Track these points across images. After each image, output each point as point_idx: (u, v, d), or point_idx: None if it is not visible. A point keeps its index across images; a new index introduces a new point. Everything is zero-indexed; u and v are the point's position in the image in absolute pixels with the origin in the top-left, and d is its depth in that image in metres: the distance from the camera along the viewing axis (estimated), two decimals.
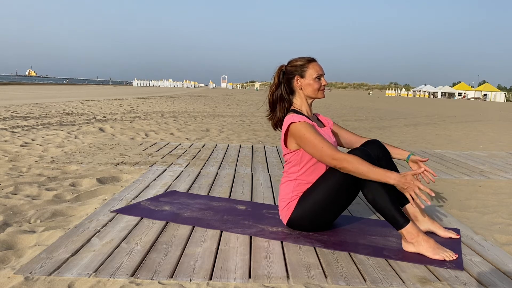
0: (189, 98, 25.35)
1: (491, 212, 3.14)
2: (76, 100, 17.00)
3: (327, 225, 2.46)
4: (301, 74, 2.41)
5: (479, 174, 4.55)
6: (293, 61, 2.44)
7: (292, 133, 2.33)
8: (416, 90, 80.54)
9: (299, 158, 2.38)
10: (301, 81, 2.41)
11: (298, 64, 2.41)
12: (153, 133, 7.61)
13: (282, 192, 2.46)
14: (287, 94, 2.44)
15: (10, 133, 6.65)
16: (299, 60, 2.43)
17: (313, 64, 2.42)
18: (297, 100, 2.46)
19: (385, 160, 2.45)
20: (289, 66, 2.44)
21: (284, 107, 2.43)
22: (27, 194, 3.26)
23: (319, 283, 1.85)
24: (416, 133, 9.57)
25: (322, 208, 2.33)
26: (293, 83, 2.43)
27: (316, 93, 2.43)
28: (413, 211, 2.47)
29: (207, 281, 1.84)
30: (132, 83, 77.02)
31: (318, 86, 2.41)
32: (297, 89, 2.43)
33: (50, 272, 1.87)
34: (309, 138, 2.27)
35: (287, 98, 2.44)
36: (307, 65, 2.41)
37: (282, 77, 2.44)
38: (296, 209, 2.38)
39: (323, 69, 2.45)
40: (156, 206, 2.90)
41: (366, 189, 2.21)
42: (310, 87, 2.41)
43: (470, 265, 2.08)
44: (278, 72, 2.46)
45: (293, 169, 2.42)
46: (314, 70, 2.40)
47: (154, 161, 4.64)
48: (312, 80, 2.40)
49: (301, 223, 2.40)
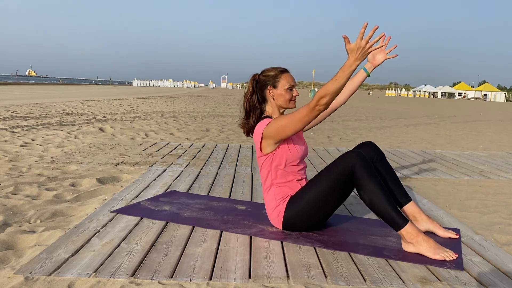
0: (189, 98, 25.36)
1: (491, 212, 3.14)
2: (76, 100, 17.00)
3: (321, 222, 2.47)
4: (273, 84, 2.44)
5: (479, 174, 4.55)
6: (266, 71, 2.48)
7: (269, 132, 2.36)
8: (416, 90, 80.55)
9: (270, 162, 2.44)
10: (274, 91, 2.45)
11: (271, 75, 2.45)
12: (153, 133, 7.61)
13: (266, 201, 2.50)
14: (259, 103, 2.49)
15: (10, 133, 6.65)
16: (272, 71, 2.47)
17: (286, 75, 2.46)
18: (269, 108, 2.50)
19: (381, 162, 2.47)
20: (262, 76, 2.48)
21: (255, 115, 2.49)
22: (27, 194, 3.26)
23: (319, 283, 1.85)
24: (416, 133, 9.57)
25: (316, 205, 2.35)
26: (266, 92, 2.47)
27: (288, 104, 2.47)
28: (413, 212, 2.47)
29: (207, 281, 1.84)
30: (132, 83, 77.02)
31: (289, 96, 2.45)
32: (269, 99, 2.48)
33: (50, 272, 1.87)
34: (284, 121, 2.30)
35: (258, 107, 2.49)
36: (279, 75, 2.45)
37: (255, 86, 2.49)
38: (287, 210, 2.39)
39: (295, 80, 2.49)
40: (156, 206, 2.90)
41: (363, 191, 2.22)
42: (282, 97, 2.44)
43: (470, 265, 2.08)
44: (252, 80, 2.50)
45: (268, 175, 2.47)
46: (286, 81, 2.44)
47: (154, 161, 4.64)
48: (284, 90, 2.44)
49: (295, 222, 2.41)
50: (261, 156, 2.46)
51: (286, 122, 2.31)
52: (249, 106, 2.48)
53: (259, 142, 2.42)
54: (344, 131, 9.51)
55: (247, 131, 2.52)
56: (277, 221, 2.46)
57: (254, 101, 2.46)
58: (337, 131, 9.46)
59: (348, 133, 9.13)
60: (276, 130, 2.32)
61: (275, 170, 2.44)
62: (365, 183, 2.20)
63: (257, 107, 2.47)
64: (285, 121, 2.31)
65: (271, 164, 2.44)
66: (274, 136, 2.36)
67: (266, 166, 2.46)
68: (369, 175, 2.20)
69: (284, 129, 2.31)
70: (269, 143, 2.40)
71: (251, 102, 2.47)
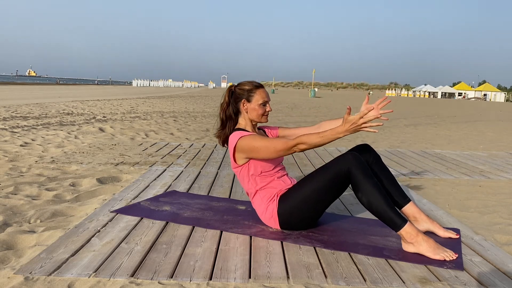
0: (189, 98, 25.35)
1: (491, 212, 3.14)
2: (76, 100, 17.00)
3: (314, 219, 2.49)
4: (247, 98, 2.50)
5: (479, 174, 4.55)
6: (242, 85, 2.54)
7: (242, 147, 2.41)
8: (416, 90, 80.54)
9: (246, 172, 2.49)
10: (247, 105, 2.51)
11: (246, 89, 2.51)
12: (153, 133, 7.61)
13: (256, 207, 2.54)
14: (234, 114, 2.54)
15: (10, 133, 6.66)
16: (248, 85, 2.52)
17: (260, 90, 2.52)
18: (242, 121, 2.56)
19: (377, 164, 2.48)
20: (238, 88, 2.53)
21: (230, 125, 2.54)
22: (27, 194, 3.26)
23: (319, 283, 1.85)
24: (416, 133, 9.57)
25: (309, 203, 2.37)
26: (240, 105, 2.52)
27: (260, 118, 2.53)
28: (413, 212, 2.47)
29: (207, 281, 1.84)
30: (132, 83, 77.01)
31: (262, 111, 2.51)
32: (243, 112, 2.54)
33: (50, 272, 1.87)
34: (260, 144, 2.37)
35: (233, 118, 2.54)
36: (254, 90, 2.51)
37: (231, 97, 2.55)
38: (280, 207, 2.42)
39: (269, 96, 2.56)
40: (156, 206, 2.90)
41: (360, 193, 2.23)
42: (255, 111, 2.50)
43: (470, 265, 2.08)
44: (228, 91, 2.56)
45: (249, 184, 2.51)
46: (260, 96, 2.50)
47: (154, 161, 4.64)
48: (257, 105, 2.50)
49: (290, 219, 2.42)
50: (237, 167, 2.52)
51: (260, 145, 2.36)
52: (225, 116, 2.55)
53: (233, 154, 2.48)
54: None
55: (223, 141, 2.58)
56: (273, 221, 2.47)
57: (230, 112, 2.53)
58: None
59: None
60: (249, 148, 2.39)
61: (253, 178, 2.49)
62: (362, 184, 2.22)
63: (233, 117, 2.54)
64: (260, 144, 2.36)
65: (247, 173, 2.49)
66: (246, 152, 2.42)
67: (244, 176, 2.51)
68: (365, 177, 2.22)
69: (258, 151, 2.38)
70: (242, 156, 2.46)
71: (227, 112, 2.54)
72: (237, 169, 2.52)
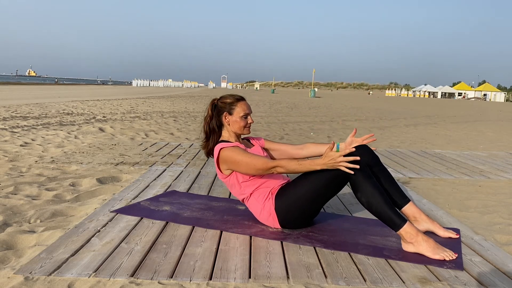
0: (189, 98, 25.37)
1: (491, 212, 3.14)
2: (76, 100, 17.00)
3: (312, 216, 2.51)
4: (229, 111, 2.57)
5: (479, 174, 4.55)
6: (224, 98, 2.60)
7: (224, 159, 2.47)
8: (416, 90, 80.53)
9: (235, 180, 2.52)
10: (229, 118, 2.57)
11: (228, 102, 2.57)
12: (153, 133, 7.61)
13: (252, 209, 2.55)
14: (217, 127, 2.60)
15: (10, 133, 6.65)
16: (229, 98, 2.59)
17: (241, 103, 2.58)
18: (226, 133, 2.62)
19: (376, 165, 2.47)
20: (220, 102, 2.60)
21: (214, 138, 2.60)
22: (27, 194, 3.26)
23: (319, 283, 1.85)
24: (416, 133, 9.57)
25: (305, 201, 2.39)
26: (222, 118, 2.58)
27: (242, 130, 2.59)
28: (412, 212, 2.47)
29: (207, 281, 1.84)
30: (132, 83, 77.01)
31: (244, 124, 2.57)
32: (226, 124, 2.59)
33: (50, 272, 1.87)
34: (241, 159, 2.42)
35: (217, 130, 2.60)
36: (235, 103, 2.57)
37: (214, 110, 2.60)
38: (277, 204, 2.43)
39: (251, 108, 2.63)
40: (156, 206, 2.90)
41: (360, 194, 2.24)
42: (236, 124, 2.56)
43: (470, 265, 2.08)
44: (211, 105, 2.62)
45: (241, 190, 2.53)
46: (242, 109, 2.56)
47: (154, 161, 4.64)
48: (239, 118, 2.56)
49: (288, 216, 2.43)
50: (226, 178, 2.55)
51: (241, 160, 2.41)
52: (209, 129, 2.60)
53: (217, 165, 2.53)
54: (344, 131, 9.51)
55: (207, 153, 2.63)
56: (272, 219, 2.47)
57: (213, 125, 2.58)
58: (337, 131, 9.46)
59: (348, 133, 9.13)
60: (231, 161, 2.44)
61: (244, 184, 2.51)
62: (361, 185, 2.23)
63: (216, 130, 2.59)
64: (241, 158, 2.41)
65: (237, 181, 2.52)
66: (228, 164, 2.47)
67: (234, 184, 2.54)
68: (364, 177, 2.23)
69: (238, 165, 2.43)
70: (225, 167, 2.51)
71: (210, 125, 2.59)
72: (226, 179, 2.56)
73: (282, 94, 45.71)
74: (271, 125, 10.17)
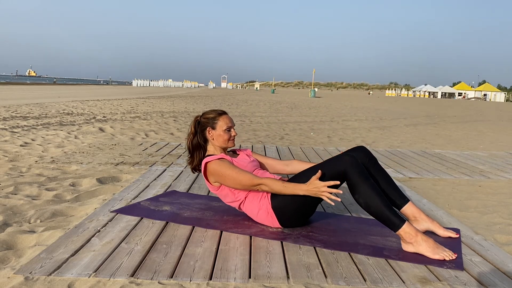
0: (189, 98, 25.36)
1: (491, 212, 3.14)
2: (76, 100, 17.00)
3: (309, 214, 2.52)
4: (212, 126, 2.61)
5: (479, 174, 4.55)
6: (206, 114, 2.64)
7: (210, 172, 2.51)
8: (416, 90, 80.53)
9: (228, 190, 2.54)
10: (213, 132, 2.60)
11: (210, 117, 2.62)
12: (153, 133, 7.61)
13: (249, 212, 2.56)
14: (203, 142, 2.64)
15: (10, 133, 6.65)
16: (211, 113, 2.64)
17: (224, 117, 2.62)
18: (211, 147, 2.65)
19: (373, 166, 2.48)
20: (202, 118, 2.64)
21: (199, 153, 2.64)
22: (27, 194, 3.26)
23: (319, 283, 1.85)
24: (416, 133, 9.57)
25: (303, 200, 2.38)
26: (206, 133, 2.62)
27: (226, 143, 2.62)
28: (412, 212, 2.47)
29: (207, 281, 1.84)
30: (132, 83, 77.00)
31: (228, 137, 2.61)
32: (210, 139, 2.62)
33: (50, 272, 1.87)
34: (228, 173, 2.45)
35: (202, 146, 2.64)
36: (217, 117, 2.61)
37: (198, 127, 2.63)
38: (273, 202, 2.44)
39: (233, 121, 2.67)
40: (156, 206, 2.90)
41: (357, 195, 2.25)
42: (220, 137, 2.60)
43: (470, 265, 2.08)
44: (194, 122, 2.65)
45: (234, 197, 2.55)
46: (224, 123, 2.60)
47: (154, 161, 4.64)
48: (222, 131, 2.59)
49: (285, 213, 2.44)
50: (217, 189, 2.57)
51: (228, 174, 2.44)
52: (192, 146, 2.64)
53: (206, 179, 2.56)
54: (344, 131, 9.51)
55: (193, 168, 2.67)
56: (270, 218, 2.47)
57: (197, 141, 2.62)
58: (337, 131, 9.46)
59: (348, 133, 9.13)
60: (217, 173, 2.48)
61: (236, 190, 2.52)
62: (359, 186, 2.23)
63: (202, 145, 2.63)
64: (228, 172, 2.44)
65: (228, 189, 2.53)
66: (215, 176, 2.50)
67: (227, 193, 2.56)
68: (362, 178, 2.24)
69: (224, 179, 2.46)
70: (213, 180, 2.54)
71: (193, 142, 2.63)
72: (218, 191, 2.58)
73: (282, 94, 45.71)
74: (271, 125, 10.17)
